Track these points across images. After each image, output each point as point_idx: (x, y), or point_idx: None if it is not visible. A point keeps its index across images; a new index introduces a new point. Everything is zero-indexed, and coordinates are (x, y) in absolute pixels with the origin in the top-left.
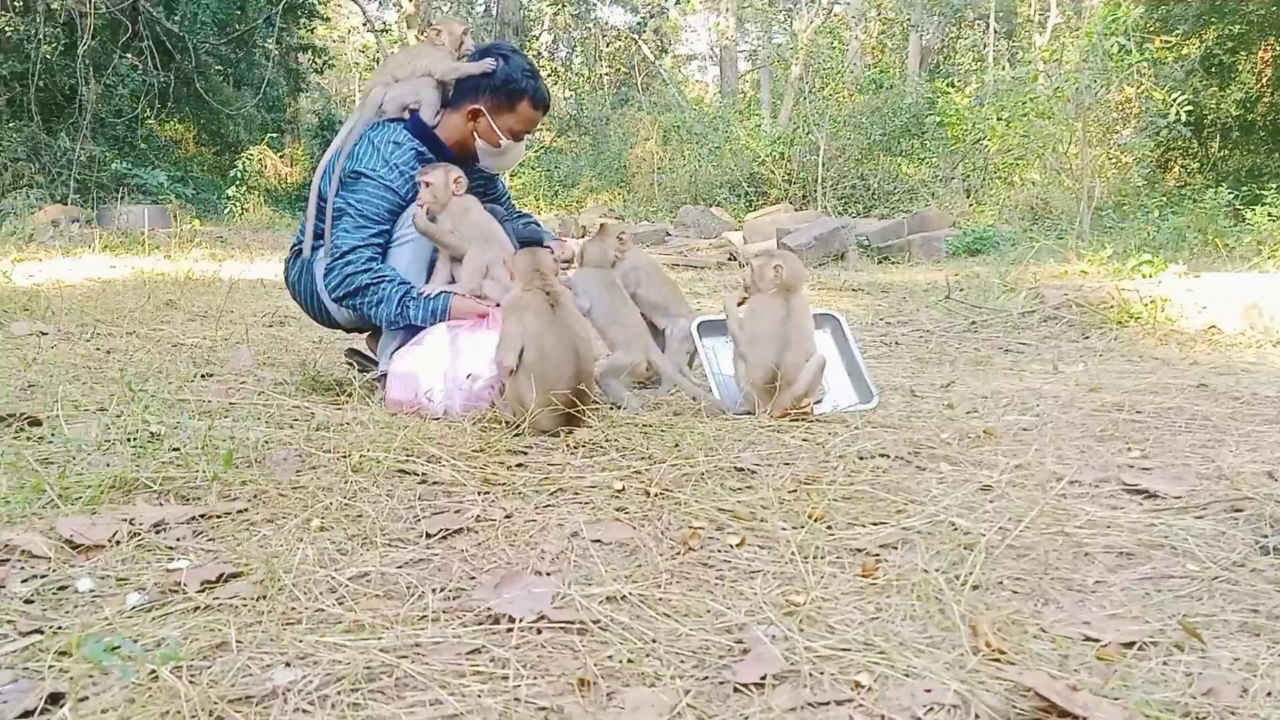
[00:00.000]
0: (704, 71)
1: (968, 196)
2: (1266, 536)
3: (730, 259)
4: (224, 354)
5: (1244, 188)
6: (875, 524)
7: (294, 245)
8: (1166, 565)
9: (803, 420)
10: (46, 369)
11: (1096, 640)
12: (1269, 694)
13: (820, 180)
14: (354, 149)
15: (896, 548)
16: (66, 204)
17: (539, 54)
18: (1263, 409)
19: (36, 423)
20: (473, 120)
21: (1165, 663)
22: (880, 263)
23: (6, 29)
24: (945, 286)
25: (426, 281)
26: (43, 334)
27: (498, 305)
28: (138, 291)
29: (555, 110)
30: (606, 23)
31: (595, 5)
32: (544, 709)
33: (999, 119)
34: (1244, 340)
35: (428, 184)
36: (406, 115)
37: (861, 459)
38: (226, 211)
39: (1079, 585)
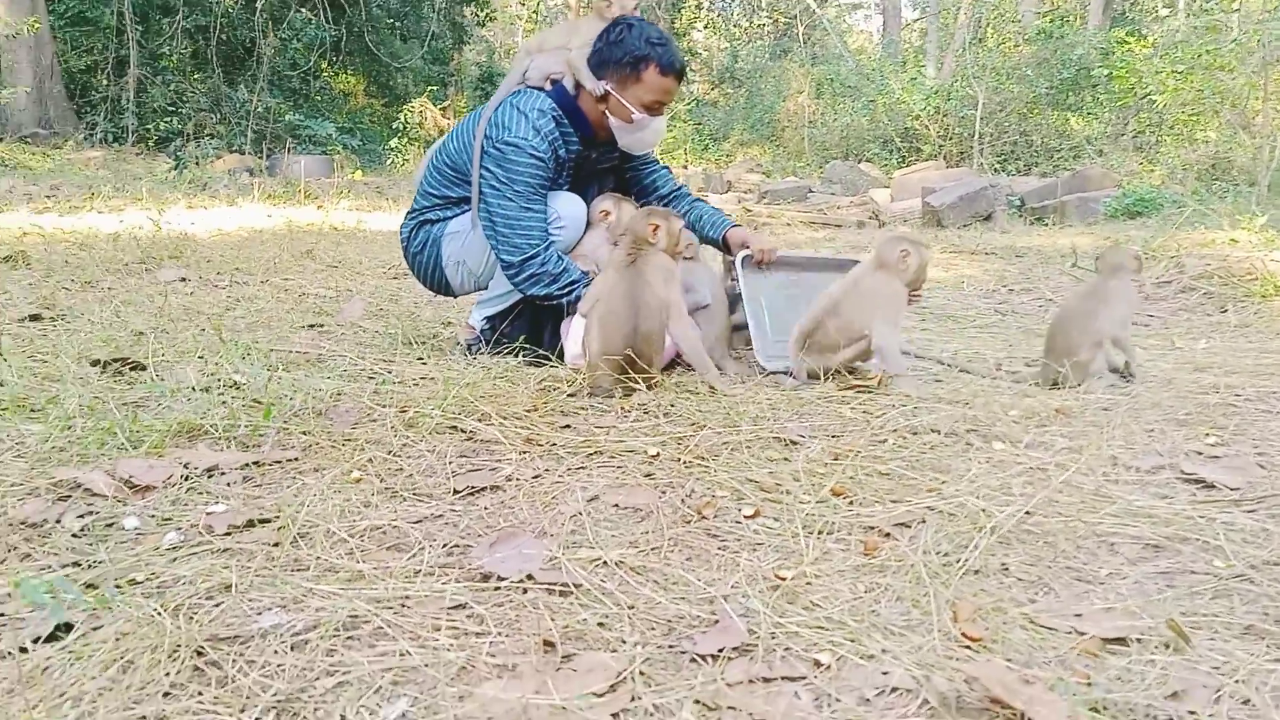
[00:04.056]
0: (869, 21)
1: (1139, 153)
2: None
3: (872, 218)
4: (342, 304)
5: None
6: (896, 502)
7: (412, 213)
8: (1191, 560)
9: (864, 392)
10: (173, 315)
11: (1084, 634)
12: (1245, 701)
13: (978, 136)
14: (498, 117)
15: (910, 527)
16: (243, 154)
17: (699, 4)
18: None
19: (141, 367)
20: (603, 103)
21: (1146, 661)
22: (1033, 224)
23: None
24: (1075, 253)
25: None
26: (184, 280)
27: None
28: (281, 242)
29: (710, 62)
30: None
31: None
32: (500, 665)
33: (1172, 72)
34: None
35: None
36: (549, 85)
37: (914, 434)
38: (389, 163)
39: (1089, 576)
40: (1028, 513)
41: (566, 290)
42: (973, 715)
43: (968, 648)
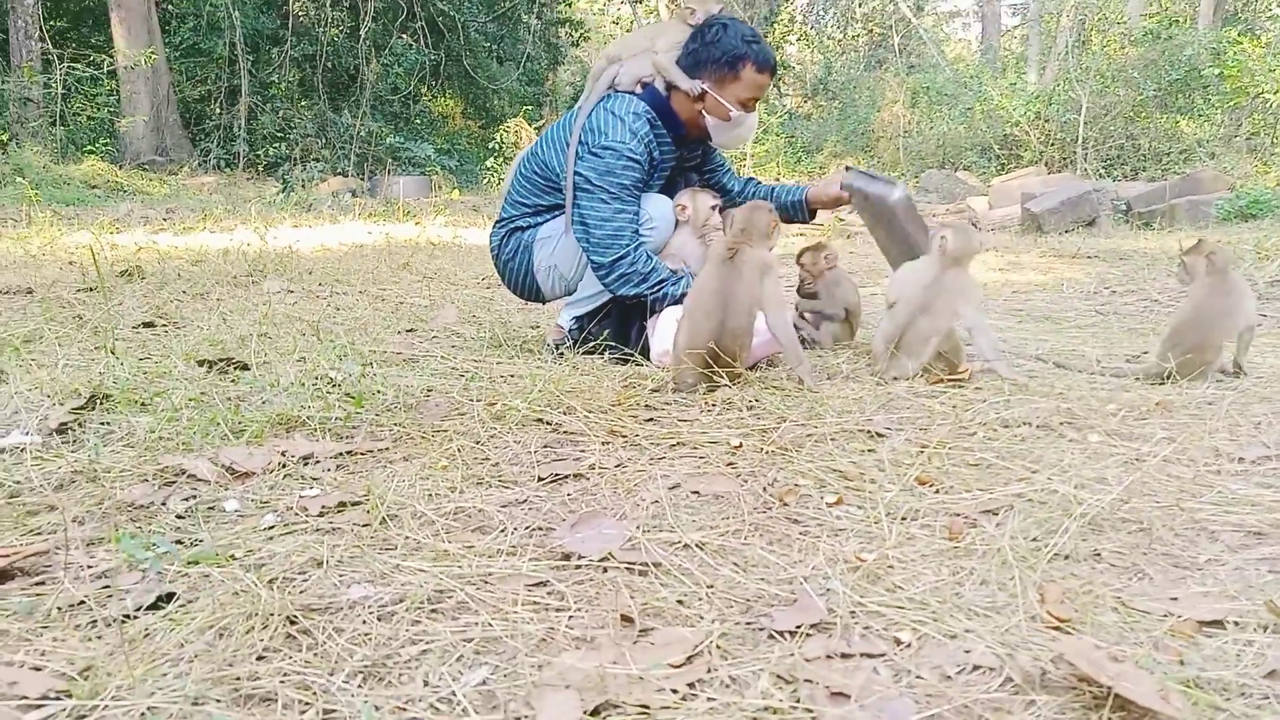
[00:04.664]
0: (967, 29)
1: (1253, 155)
2: None
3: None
4: (436, 312)
5: None
6: (984, 490)
7: (501, 222)
8: None
9: (953, 386)
10: (276, 321)
11: (1178, 616)
12: None
13: (1081, 141)
14: (593, 122)
15: (997, 514)
16: (347, 176)
17: (793, 18)
18: None
19: (244, 367)
20: (699, 102)
21: (1244, 642)
22: (1140, 229)
23: (299, 14)
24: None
25: None
26: (290, 291)
27: None
28: (380, 255)
29: (804, 75)
30: None
31: None
32: (578, 638)
33: None
34: None
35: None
36: (639, 89)
37: (1004, 427)
38: (485, 182)
39: (1186, 562)
40: (1122, 500)
41: (655, 289)
42: (1058, 692)
43: (1055, 628)
